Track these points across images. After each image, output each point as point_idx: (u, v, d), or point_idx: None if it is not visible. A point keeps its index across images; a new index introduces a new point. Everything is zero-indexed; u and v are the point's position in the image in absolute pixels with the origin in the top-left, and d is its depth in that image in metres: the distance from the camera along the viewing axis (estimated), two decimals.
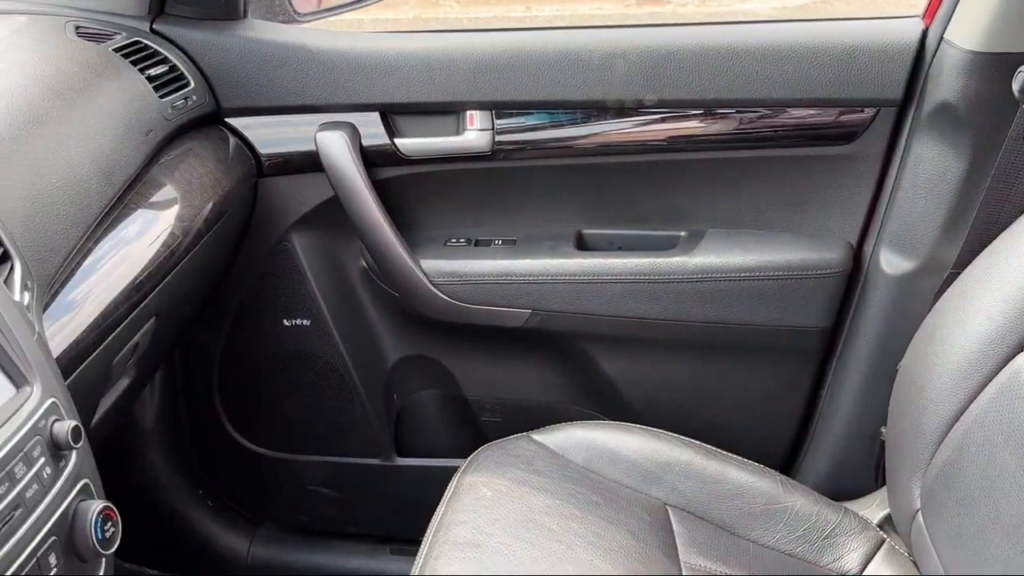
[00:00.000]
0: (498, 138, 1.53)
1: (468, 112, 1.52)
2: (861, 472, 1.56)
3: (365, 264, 1.65)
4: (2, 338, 0.82)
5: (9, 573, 0.74)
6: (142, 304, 1.15)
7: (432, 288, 1.57)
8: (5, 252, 0.91)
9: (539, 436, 1.45)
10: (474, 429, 1.74)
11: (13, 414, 0.80)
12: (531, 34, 1.51)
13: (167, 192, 1.30)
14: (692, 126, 1.50)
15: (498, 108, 1.51)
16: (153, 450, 1.75)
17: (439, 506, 1.32)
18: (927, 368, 1.18)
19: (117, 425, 1.35)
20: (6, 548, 0.74)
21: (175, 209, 1.29)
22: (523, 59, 1.47)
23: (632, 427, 1.44)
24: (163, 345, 1.35)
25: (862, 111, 1.43)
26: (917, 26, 1.38)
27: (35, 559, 0.78)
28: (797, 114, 1.46)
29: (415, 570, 1.21)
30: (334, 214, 1.57)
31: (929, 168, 1.38)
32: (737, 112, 1.47)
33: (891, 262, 1.46)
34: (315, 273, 1.64)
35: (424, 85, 1.51)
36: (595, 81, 1.47)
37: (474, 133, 1.53)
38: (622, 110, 1.49)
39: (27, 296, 0.90)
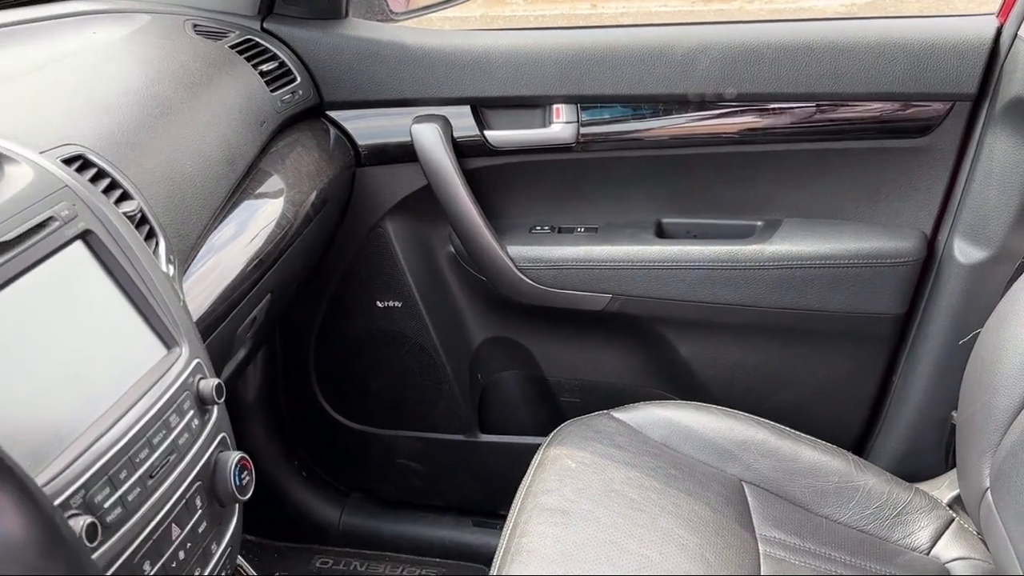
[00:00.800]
0: (583, 130, 1.60)
1: (554, 106, 1.59)
2: (932, 454, 1.60)
3: (454, 250, 1.73)
4: (156, 304, 0.91)
5: (164, 510, 0.84)
6: (261, 281, 1.24)
7: (518, 273, 1.65)
8: (151, 229, 1.00)
9: (619, 414, 1.51)
10: (553, 409, 1.82)
11: (167, 371, 0.89)
12: (615, 31, 1.58)
13: (279, 179, 1.39)
14: (770, 119, 1.55)
15: (583, 102, 1.58)
16: (254, 423, 1.85)
17: (526, 476, 1.39)
18: (998, 353, 1.23)
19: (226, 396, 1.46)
20: (164, 487, 0.84)
21: (287, 195, 1.38)
22: (608, 55, 1.54)
23: (708, 407, 1.50)
24: (273, 321, 1.44)
25: (937, 105, 1.47)
26: (992, 23, 1.42)
27: (184, 500, 0.87)
28: (873, 108, 1.50)
29: (506, 532, 1.28)
30: (426, 202, 1.65)
31: (1002, 161, 1.42)
32: (815, 105, 1.52)
33: (964, 251, 1.50)
34: (407, 258, 1.73)
35: (513, 80, 1.58)
36: (677, 76, 1.53)
37: (560, 126, 1.60)
38: (702, 103, 1.55)
39: (171, 268, 1.00)
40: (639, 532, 1.28)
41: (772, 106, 1.54)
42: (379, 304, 1.76)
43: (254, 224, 1.28)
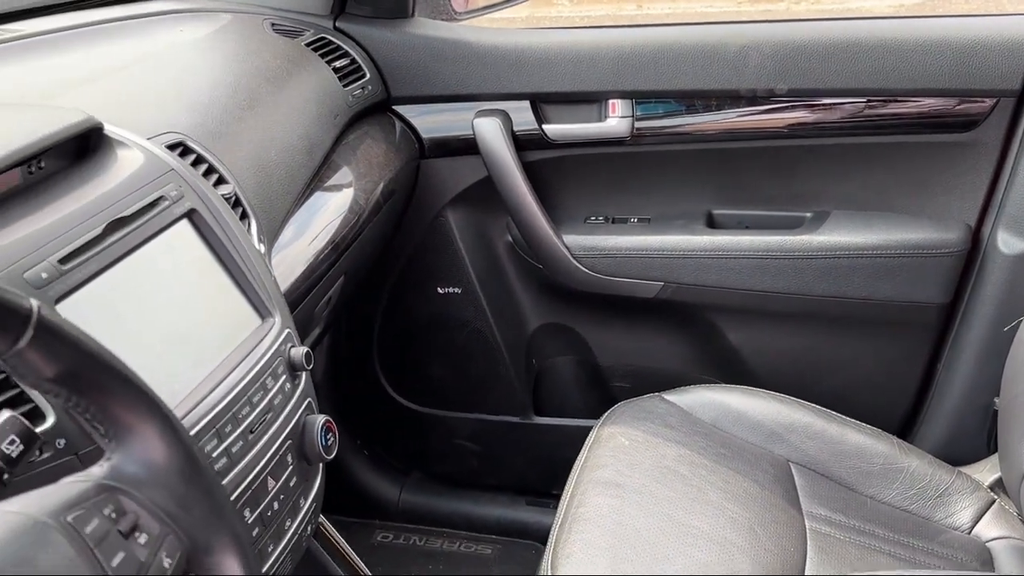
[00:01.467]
0: (637, 125, 1.66)
1: (610, 101, 1.66)
2: (975, 439, 1.64)
3: (511, 239, 1.80)
4: (252, 278, 0.99)
5: (262, 463, 0.92)
6: (337, 263, 1.32)
7: (573, 261, 1.72)
8: (244, 211, 1.09)
9: (670, 396, 1.57)
10: (605, 393, 1.88)
11: (262, 339, 0.97)
12: (670, 29, 1.64)
13: (352, 169, 1.47)
14: (820, 114, 1.60)
15: (638, 97, 1.64)
16: (319, 402, 1.94)
17: (581, 452, 1.45)
18: None
19: None
20: (261, 443, 0.92)
21: (359, 184, 1.46)
22: (662, 53, 1.60)
23: (757, 391, 1.55)
24: (343, 303, 1.52)
25: (982, 101, 1.51)
26: None
27: (278, 456, 0.95)
28: (920, 103, 1.55)
29: (563, 504, 1.35)
30: (486, 193, 1.73)
31: None
32: (863, 101, 1.57)
33: (1008, 243, 1.54)
34: (467, 246, 1.80)
35: (571, 76, 1.65)
36: (729, 72, 1.58)
37: (615, 120, 1.66)
38: (753, 99, 1.61)
39: (262, 247, 1.08)
40: (690, 505, 1.34)
41: (821, 101, 1.59)
42: (440, 290, 1.84)
43: (330, 210, 1.36)
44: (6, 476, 0.63)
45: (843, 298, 1.65)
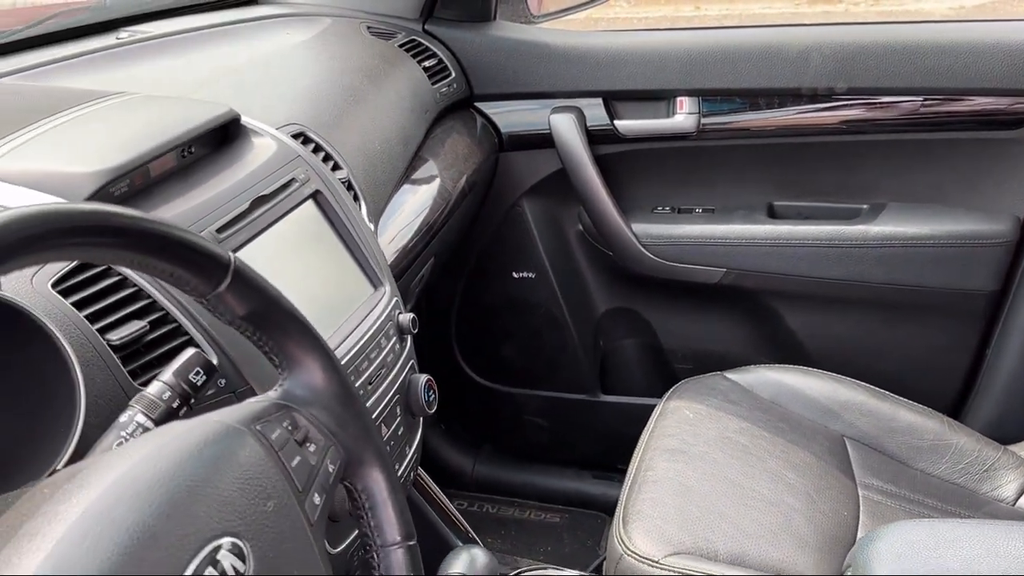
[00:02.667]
0: (703, 121, 1.76)
1: (678, 98, 1.76)
2: (1022, 420, 1.72)
3: (583, 227, 1.91)
4: (366, 252, 1.12)
5: (376, 411, 1.04)
6: (429, 244, 1.45)
7: (641, 248, 1.82)
8: (355, 194, 1.21)
9: (732, 375, 1.67)
10: (668, 373, 1.98)
11: (375, 305, 1.10)
12: (735, 31, 1.75)
13: (439, 160, 1.60)
14: (877, 111, 1.69)
15: (705, 95, 1.75)
16: None
17: (648, 424, 1.56)
18: None
19: None
20: (377, 394, 1.04)
21: (445, 174, 1.58)
22: (728, 53, 1.71)
23: (814, 371, 1.64)
24: (430, 283, 1.65)
25: None
26: None
27: (389, 407, 1.07)
28: (972, 102, 1.63)
29: (632, 469, 1.45)
30: (560, 184, 1.84)
31: None
32: (919, 100, 1.66)
33: None
34: (541, 234, 1.92)
35: (641, 75, 1.76)
36: (791, 71, 1.68)
37: (683, 116, 1.77)
38: (814, 97, 1.70)
39: (372, 226, 1.20)
40: (750, 471, 1.44)
41: (879, 100, 1.68)
42: (514, 275, 1.96)
43: (423, 196, 1.49)
44: (192, 401, 0.76)
45: (897, 285, 1.73)
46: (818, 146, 1.76)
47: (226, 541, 0.57)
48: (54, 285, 0.80)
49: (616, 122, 1.80)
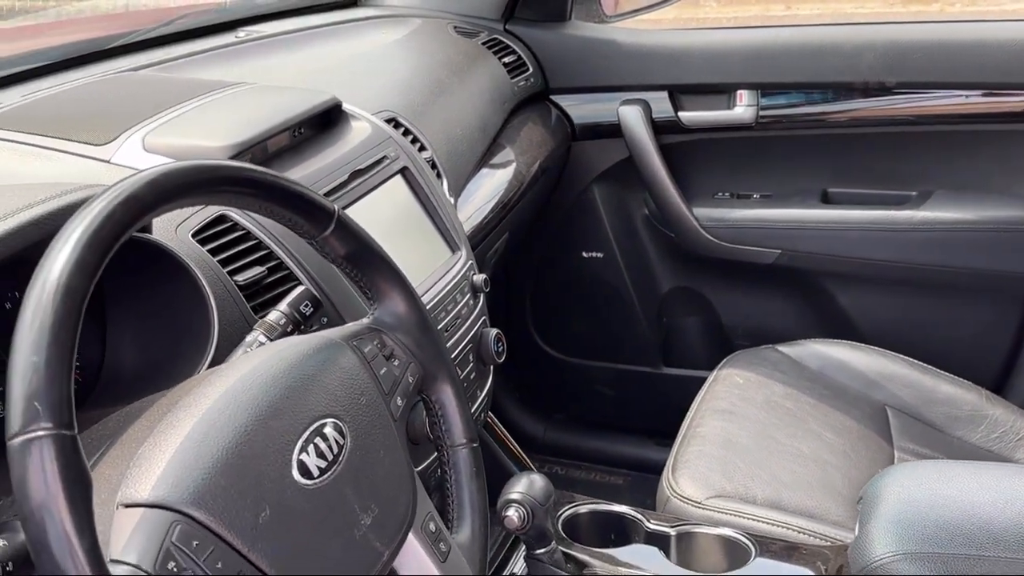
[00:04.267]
0: (762, 113, 1.88)
1: (738, 91, 1.88)
2: None
3: (648, 211, 2.05)
4: (446, 222, 1.28)
5: (454, 355, 1.20)
6: (503, 220, 1.61)
7: (702, 231, 1.95)
8: (438, 172, 1.38)
9: (782, 347, 1.79)
10: (726, 347, 2.09)
11: (453, 265, 1.26)
12: (792, 29, 1.87)
13: (515, 147, 1.75)
14: (926, 105, 1.79)
15: (763, 88, 1.87)
16: None
17: (701, 389, 1.69)
18: None
19: None
20: (451, 341, 1.20)
21: (520, 159, 1.74)
22: (786, 49, 1.83)
23: (860, 345, 1.75)
24: (505, 258, 1.80)
25: None
26: None
27: (463, 355, 1.24)
28: (1018, 97, 1.72)
29: (683, 427, 1.59)
30: (627, 171, 1.98)
31: None
32: (964, 94, 1.75)
33: None
34: (608, 217, 2.06)
35: (704, 70, 1.89)
36: (846, 67, 1.79)
37: (742, 108, 1.89)
38: (867, 91, 1.81)
39: (453, 199, 1.37)
40: (791, 430, 1.56)
41: (929, 94, 1.78)
42: (584, 255, 2.10)
43: (499, 178, 1.64)
44: (302, 327, 0.93)
45: (942, 267, 1.83)
46: (870, 136, 1.86)
47: (330, 421, 0.74)
48: (194, 235, 0.98)
49: (680, 114, 1.93)
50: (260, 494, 0.67)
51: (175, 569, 0.61)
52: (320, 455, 0.72)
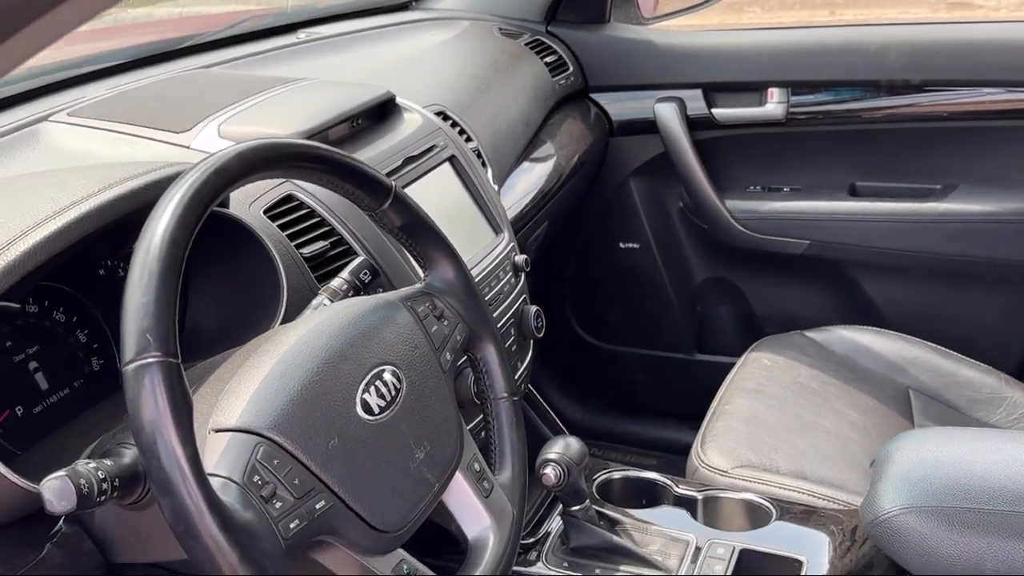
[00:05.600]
0: (791, 110, 1.96)
1: (769, 89, 1.96)
2: None
3: (682, 204, 2.13)
4: (492, 206, 1.38)
5: (499, 325, 1.29)
6: (544, 209, 1.70)
7: (734, 222, 2.03)
8: (483, 161, 1.48)
9: (810, 333, 1.85)
10: (757, 334, 2.15)
11: (496, 246, 1.35)
12: (820, 30, 1.94)
13: (555, 141, 1.84)
14: (949, 102, 1.85)
15: (793, 86, 1.94)
16: None
17: (731, 370, 1.76)
18: None
19: None
20: (495, 315, 1.29)
21: (560, 152, 1.83)
22: (814, 49, 1.90)
23: (885, 331, 1.81)
24: (546, 246, 1.89)
25: None
26: None
27: (504, 329, 1.33)
28: None
29: (713, 404, 1.67)
30: (663, 166, 2.06)
31: None
32: (987, 92, 1.81)
33: None
34: (645, 209, 2.15)
35: (736, 69, 1.97)
36: (871, 65, 1.86)
37: (773, 105, 1.96)
38: (892, 88, 1.87)
39: (497, 186, 1.46)
40: (815, 408, 1.63)
41: (951, 91, 1.84)
42: (621, 245, 2.19)
43: (539, 169, 1.74)
44: (361, 292, 1.03)
45: (965, 257, 1.88)
46: (896, 132, 1.92)
47: (388, 368, 0.84)
48: (265, 212, 1.09)
49: (713, 111, 2.01)
50: (329, 425, 0.77)
51: (259, 482, 0.71)
52: (380, 396, 0.82)
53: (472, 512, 0.90)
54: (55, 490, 0.67)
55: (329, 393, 0.79)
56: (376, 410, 0.81)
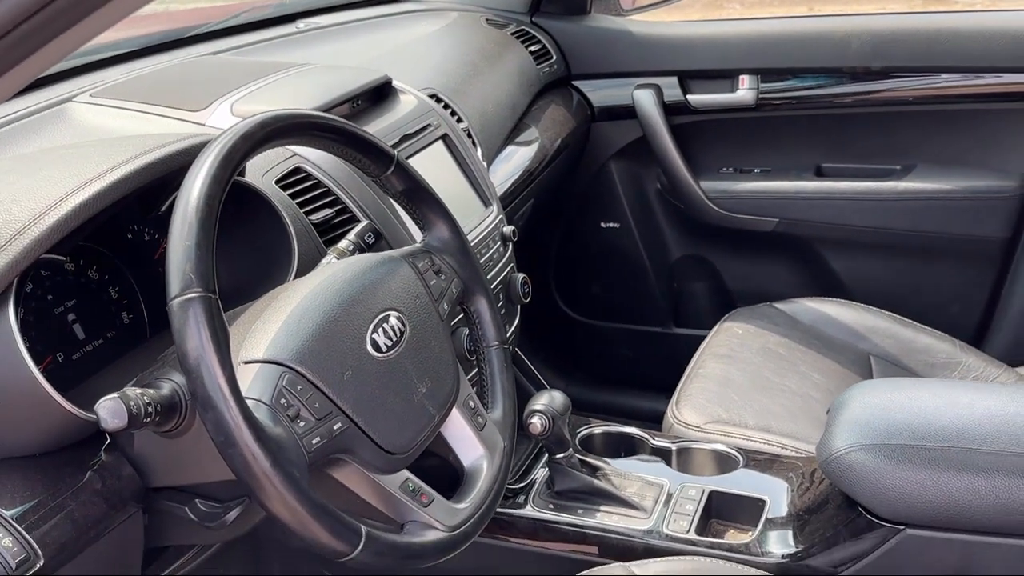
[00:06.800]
0: (761, 96, 2.07)
1: (740, 76, 2.07)
2: None
3: (660, 185, 2.24)
4: (481, 181, 1.48)
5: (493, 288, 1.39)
6: (529, 187, 1.80)
7: (708, 202, 2.13)
8: (473, 140, 1.58)
9: (778, 304, 1.95)
10: (731, 307, 2.25)
11: (486, 217, 1.46)
12: (787, 20, 2.05)
13: (540, 125, 1.95)
14: (908, 87, 1.97)
15: (762, 73, 2.05)
16: None
17: (705, 339, 1.87)
18: None
19: None
20: (499, 280, 1.39)
21: (544, 135, 1.93)
22: (781, 38, 2.01)
23: (849, 303, 1.91)
24: (531, 224, 1.99)
25: None
26: None
27: (495, 294, 1.43)
28: (987, 79, 1.90)
29: (688, 369, 1.77)
30: (641, 149, 2.17)
31: None
32: (941, 77, 1.92)
33: None
34: (625, 190, 2.25)
35: (709, 58, 2.07)
36: (835, 54, 1.97)
37: (744, 91, 2.07)
38: (855, 74, 1.99)
39: (485, 163, 1.56)
40: (782, 372, 1.74)
41: (911, 77, 1.95)
42: (602, 225, 2.30)
43: (524, 150, 1.84)
44: (367, 253, 1.13)
45: (924, 232, 2.00)
46: (859, 116, 2.04)
47: (393, 313, 0.94)
48: (276, 182, 1.19)
49: (688, 97, 2.11)
50: (344, 360, 0.88)
51: (285, 404, 0.81)
52: (387, 336, 0.92)
53: (467, 443, 1.01)
54: (109, 409, 0.77)
55: (342, 332, 0.89)
56: (384, 348, 0.91)
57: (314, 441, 0.82)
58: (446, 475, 1.05)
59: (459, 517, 0.93)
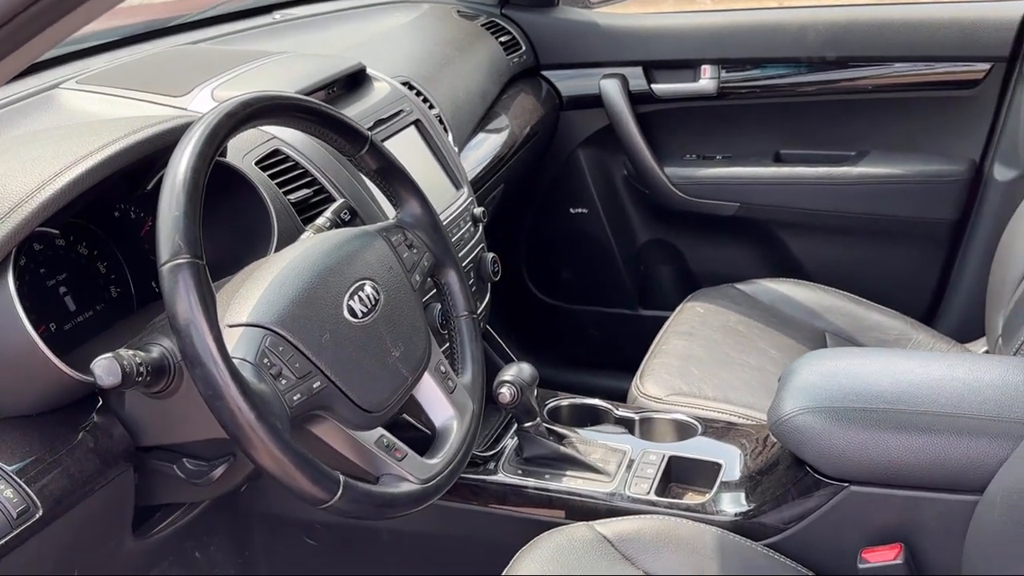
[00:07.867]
0: (722, 85, 2.14)
1: (702, 66, 2.14)
2: (979, 323, 2.05)
3: (626, 172, 2.31)
4: (452, 165, 1.54)
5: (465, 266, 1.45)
6: (499, 172, 1.86)
7: (672, 187, 2.20)
8: (445, 126, 1.64)
9: (739, 285, 2.02)
10: (695, 289, 2.34)
11: (457, 199, 1.51)
12: (747, 13, 2.12)
13: (509, 113, 2.01)
14: (861, 76, 2.05)
15: (723, 63, 2.12)
16: None
17: (668, 319, 1.94)
18: (1012, 240, 1.69)
19: None
20: (470, 258, 1.45)
21: (513, 122, 1.99)
22: (741, 29, 2.08)
23: (806, 283, 1.99)
24: (502, 208, 2.05)
25: (981, 65, 1.93)
26: (1020, 6, 1.88)
27: (465, 272, 1.49)
28: (937, 68, 1.98)
29: (652, 346, 1.84)
30: (608, 137, 2.24)
31: None
32: (894, 66, 2.00)
33: (1001, 173, 1.95)
34: (592, 177, 2.32)
35: (673, 48, 2.14)
36: (792, 44, 2.05)
37: (706, 81, 2.14)
38: (811, 64, 2.06)
39: (456, 148, 1.62)
40: (741, 347, 1.81)
41: (864, 67, 2.03)
42: (571, 210, 2.36)
43: (496, 137, 1.90)
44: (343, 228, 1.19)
45: (877, 215, 2.08)
46: (815, 104, 2.12)
47: (368, 282, 1.00)
48: (256, 163, 1.24)
49: (653, 86, 2.18)
50: (322, 324, 0.93)
51: (268, 363, 0.87)
52: (363, 303, 0.98)
53: (438, 404, 1.07)
54: (104, 367, 0.83)
55: (321, 299, 0.95)
56: (359, 314, 0.97)
57: (295, 398, 0.88)
58: (419, 440, 1.11)
59: (431, 471, 0.99)
